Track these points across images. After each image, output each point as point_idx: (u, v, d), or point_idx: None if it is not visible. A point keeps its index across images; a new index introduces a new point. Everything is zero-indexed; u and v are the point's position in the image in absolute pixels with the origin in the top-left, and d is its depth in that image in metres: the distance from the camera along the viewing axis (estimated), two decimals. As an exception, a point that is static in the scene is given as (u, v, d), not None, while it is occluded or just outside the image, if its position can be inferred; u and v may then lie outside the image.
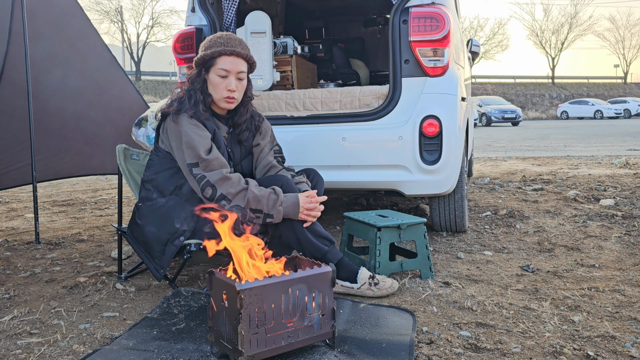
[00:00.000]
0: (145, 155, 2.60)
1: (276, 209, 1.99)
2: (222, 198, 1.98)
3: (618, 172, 5.92)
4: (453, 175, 2.80)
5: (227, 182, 1.99)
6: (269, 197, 1.99)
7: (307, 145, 2.88)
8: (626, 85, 46.02)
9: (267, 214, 2.00)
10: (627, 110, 31.53)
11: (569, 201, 4.14)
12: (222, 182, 1.99)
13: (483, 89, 39.23)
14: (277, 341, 1.52)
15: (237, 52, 2.12)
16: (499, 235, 3.18)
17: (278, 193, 2.01)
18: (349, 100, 2.97)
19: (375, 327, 1.82)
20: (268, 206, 1.99)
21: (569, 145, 11.10)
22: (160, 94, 31.06)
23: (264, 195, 1.99)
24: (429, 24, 2.72)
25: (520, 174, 5.98)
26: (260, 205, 1.99)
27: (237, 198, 1.98)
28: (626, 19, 72.75)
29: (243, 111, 2.24)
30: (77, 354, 1.67)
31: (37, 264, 2.77)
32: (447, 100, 2.77)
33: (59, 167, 3.91)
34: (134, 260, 2.81)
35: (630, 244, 2.92)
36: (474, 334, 1.77)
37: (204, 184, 2.00)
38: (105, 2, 37.00)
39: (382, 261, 2.33)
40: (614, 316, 1.92)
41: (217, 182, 1.99)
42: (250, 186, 2.00)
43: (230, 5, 3.42)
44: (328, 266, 1.63)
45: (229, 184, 1.99)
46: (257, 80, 3.24)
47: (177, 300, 2.03)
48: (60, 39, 3.68)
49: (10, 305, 2.14)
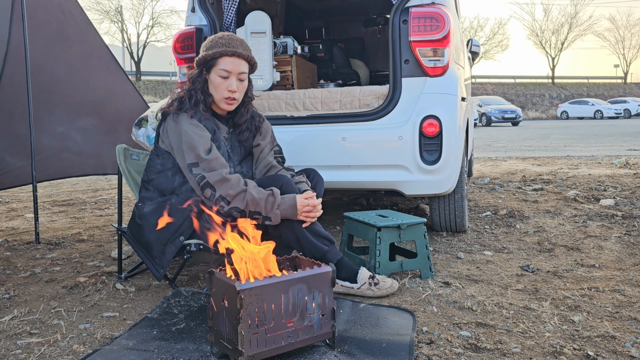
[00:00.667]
0: (145, 155, 2.60)
1: (274, 212, 2.00)
2: (221, 199, 1.99)
3: (618, 172, 5.92)
4: (453, 175, 2.80)
5: (226, 183, 1.99)
6: (267, 200, 1.99)
7: (307, 145, 2.88)
8: (626, 85, 46.01)
9: (265, 216, 2.00)
10: (627, 110, 31.54)
11: (569, 201, 4.14)
12: (221, 183, 1.99)
13: (483, 89, 39.23)
14: (277, 341, 1.52)
15: (239, 53, 2.12)
16: (499, 235, 3.18)
17: (276, 195, 2.01)
18: (349, 100, 2.97)
19: (375, 327, 1.82)
20: (266, 209, 1.99)
21: (569, 145, 11.10)
22: (160, 94, 31.05)
23: (262, 198, 1.99)
24: (429, 24, 2.72)
25: (520, 174, 5.98)
26: (259, 208, 1.99)
27: (236, 200, 1.98)
28: (626, 19, 72.87)
29: (243, 111, 2.24)
30: (77, 354, 1.67)
31: (37, 264, 2.77)
32: (447, 100, 2.77)
33: (59, 167, 3.91)
34: (134, 260, 2.81)
35: (630, 244, 2.92)
36: (474, 334, 1.77)
37: (204, 184, 2.00)
38: (105, 2, 36.99)
39: (382, 261, 2.33)
40: (614, 316, 1.92)
41: (217, 183, 1.99)
42: (249, 188, 2.00)
43: (230, 5, 3.42)
44: (328, 266, 1.63)
45: (228, 185, 1.99)
46: (257, 80, 3.24)
47: (177, 300, 2.03)
48: (60, 39, 3.68)
49: (10, 305, 2.14)
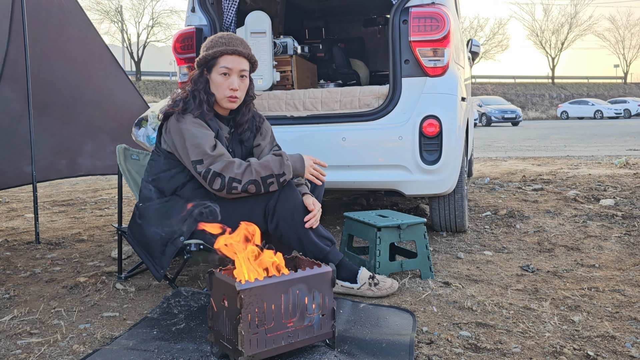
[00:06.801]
0: (145, 155, 2.60)
1: (284, 165, 2.03)
2: (232, 181, 2.00)
3: (618, 172, 5.92)
4: (453, 175, 2.80)
5: (231, 165, 2.01)
6: (273, 160, 2.04)
7: (307, 145, 2.88)
8: (626, 85, 46.01)
9: (278, 174, 2.02)
10: (627, 110, 31.54)
11: (569, 201, 4.14)
12: (226, 167, 2.01)
13: (483, 89, 39.22)
14: (277, 341, 1.52)
15: (239, 51, 2.12)
16: (499, 235, 3.18)
17: (279, 153, 2.06)
18: (349, 100, 2.97)
19: (375, 327, 1.82)
20: (276, 167, 2.02)
21: (569, 145, 11.10)
22: (160, 94, 31.04)
23: (267, 160, 2.04)
24: (429, 24, 2.72)
25: (520, 174, 5.98)
26: (269, 170, 2.02)
27: (246, 174, 2.01)
28: (626, 19, 72.90)
29: (245, 110, 2.25)
30: (77, 354, 1.67)
31: (37, 264, 2.77)
32: (447, 100, 2.77)
33: (59, 167, 3.91)
34: (134, 260, 2.81)
35: (630, 244, 2.92)
36: (474, 334, 1.77)
37: (211, 176, 2.00)
38: (105, 2, 37.01)
39: (382, 261, 2.33)
40: (614, 316, 1.92)
41: (223, 169, 2.00)
42: (252, 160, 2.05)
43: (230, 5, 3.42)
44: (328, 266, 1.63)
45: (233, 166, 2.01)
46: (257, 80, 3.24)
47: (177, 300, 2.03)
48: (60, 39, 3.68)
49: (10, 305, 2.14)
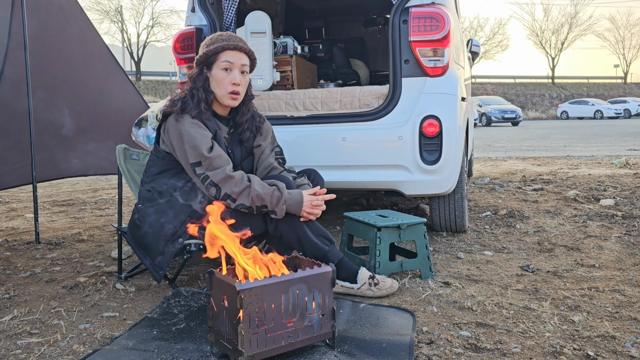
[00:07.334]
0: (145, 155, 2.60)
1: (279, 207, 2.02)
2: (227, 197, 2.00)
3: (618, 172, 5.92)
4: (453, 175, 2.80)
5: (230, 181, 2.00)
6: (272, 195, 2.02)
7: (307, 146, 2.88)
8: (626, 85, 46.00)
9: (271, 210, 2.03)
10: (627, 110, 31.53)
11: (569, 201, 4.14)
12: (225, 181, 2.00)
13: (483, 89, 39.21)
14: (277, 341, 1.52)
15: (240, 46, 2.14)
16: (499, 235, 3.18)
17: (282, 190, 2.03)
18: (349, 100, 2.97)
19: (375, 327, 1.82)
20: (272, 204, 2.02)
21: (569, 145, 11.10)
22: (160, 94, 31.03)
23: (267, 193, 2.01)
24: (429, 24, 2.72)
25: (520, 174, 5.98)
26: (265, 202, 2.02)
27: (242, 197, 2.00)
28: (626, 19, 72.86)
29: (245, 110, 2.24)
30: (77, 354, 1.67)
31: (37, 264, 2.77)
32: (447, 100, 2.77)
33: (59, 167, 3.91)
34: (134, 260, 2.81)
35: (630, 244, 2.92)
36: (474, 334, 1.77)
37: (208, 183, 2.01)
38: (105, 2, 36.96)
39: (382, 261, 2.33)
40: (614, 316, 1.92)
41: (221, 181, 2.00)
42: (254, 184, 2.02)
43: (230, 5, 3.42)
44: (328, 266, 1.63)
45: (232, 182, 2.00)
46: (257, 80, 3.24)
47: (177, 300, 2.03)
48: (60, 39, 3.67)
49: (10, 305, 2.14)
